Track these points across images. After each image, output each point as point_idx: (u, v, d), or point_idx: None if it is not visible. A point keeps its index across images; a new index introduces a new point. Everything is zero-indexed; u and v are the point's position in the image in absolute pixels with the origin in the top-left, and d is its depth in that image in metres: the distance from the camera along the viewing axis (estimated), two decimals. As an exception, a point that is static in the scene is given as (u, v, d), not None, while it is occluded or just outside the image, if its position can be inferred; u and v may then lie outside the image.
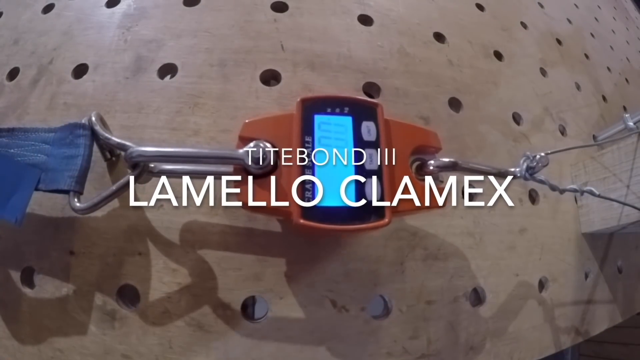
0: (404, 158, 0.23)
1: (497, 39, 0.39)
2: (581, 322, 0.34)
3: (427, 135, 0.25)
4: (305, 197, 0.21)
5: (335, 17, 0.33)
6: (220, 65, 0.30)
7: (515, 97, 0.37)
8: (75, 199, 0.22)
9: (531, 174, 0.25)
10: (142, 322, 0.25)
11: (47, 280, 0.26)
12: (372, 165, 0.22)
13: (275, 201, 0.21)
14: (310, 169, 0.22)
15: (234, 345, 0.25)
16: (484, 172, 0.26)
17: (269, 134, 0.22)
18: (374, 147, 0.23)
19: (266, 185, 0.21)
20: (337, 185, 0.22)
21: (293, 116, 0.23)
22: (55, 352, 0.25)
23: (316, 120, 0.23)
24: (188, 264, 0.26)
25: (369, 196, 0.22)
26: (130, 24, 0.32)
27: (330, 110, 0.23)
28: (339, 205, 0.21)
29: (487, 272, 0.30)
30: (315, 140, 0.22)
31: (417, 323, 0.27)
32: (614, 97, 0.48)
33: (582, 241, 0.35)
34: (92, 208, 0.22)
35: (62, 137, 0.23)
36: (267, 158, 0.21)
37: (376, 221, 0.21)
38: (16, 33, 0.35)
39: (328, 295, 0.26)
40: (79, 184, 0.22)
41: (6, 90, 0.32)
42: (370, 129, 0.23)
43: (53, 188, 0.22)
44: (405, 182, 0.23)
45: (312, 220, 0.21)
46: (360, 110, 0.23)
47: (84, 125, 0.23)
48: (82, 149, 0.23)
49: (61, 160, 0.23)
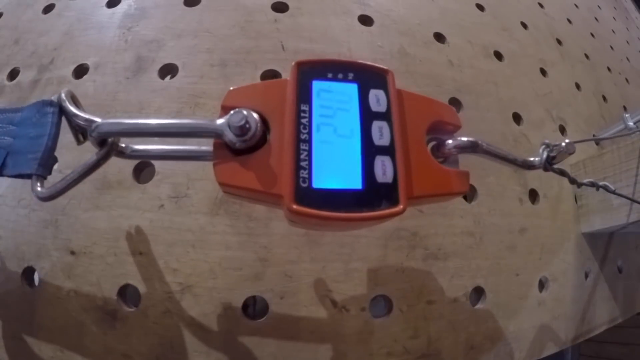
0: (419, 134, 0.20)
1: (497, 39, 0.39)
2: (581, 322, 0.34)
3: (444, 111, 0.21)
4: (300, 178, 0.17)
5: (336, 18, 0.33)
6: (221, 66, 0.30)
7: (516, 97, 0.37)
8: (38, 183, 0.19)
9: (551, 163, 0.23)
10: (143, 322, 0.25)
11: (48, 280, 0.26)
12: (382, 140, 0.18)
13: (262, 182, 0.17)
14: (307, 143, 0.17)
15: (234, 345, 0.25)
16: (503, 158, 0.23)
17: (257, 103, 0.18)
18: (384, 119, 0.19)
19: (252, 163, 0.18)
20: (340, 164, 0.18)
21: (286, 82, 0.19)
22: (56, 352, 0.25)
23: (314, 87, 0.19)
24: (189, 264, 0.26)
25: (379, 177, 0.18)
26: (130, 24, 0.32)
27: (331, 75, 0.19)
28: (341, 188, 0.17)
29: (487, 271, 0.30)
30: (313, 109, 0.18)
31: (417, 323, 0.27)
32: (614, 97, 0.48)
33: (582, 241, 0.35)
34: (56, 194, 0.19)
35: (29, 117, 0.21)
36: (251, 128, 0.17)
37: (388, 208, 0.17)
38: (16, 33, 0.35)
39: (328, 295, 0.26)
40: (42, 167, 0.20)
41: (6, 90, 0.32)
42: (380, 98, 0.19)
43: (16, 173, 0.20)
44: (422, 161, 0.19)
45: (309, 205, 0.16)
46: (368, 77, 0.20)
47: (52, 102, 0.20)
48: (49, 127, 0.20)
49: (26, 141, 0.20)
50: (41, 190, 0.19)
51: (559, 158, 0.23)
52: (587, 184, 0.29)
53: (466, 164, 0.22)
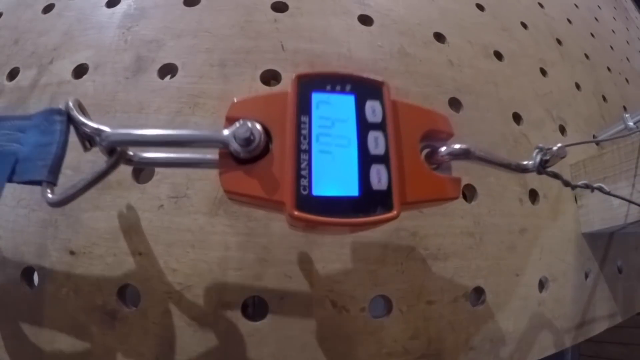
0: (413, 143, 0.21)
1: (497, 39, 0.39)
2: (581, 322, 0.34)
3: (437, 119, 0.22)
4: (300, 186, 0.18)
5: (336, 18, 0.33)
6: (220, 66, 0.30)
7: (515, 97, 0.37)
8: (48, 190, 0.20)
9: (544, 167, 0.24)
10: (142, 322, 0.25)
11: (47, 281, 0.26)
12: (377, 149, 0.19)
13: (265, 190, 0.18)
14: (307, 153, 0.19)
15: (234, 345, 0.25)
16: (496, 163, 0.24)
17: (259, 114, 0.19)
18: (379, 129, 0.20)
19: (255, 172, 0.19)
20: (338, 172, 0.19)
21: (287, 94, 0.20)
22: (56, 352, 0.25)
23: (314, 99, 0.20)
24: (188, 264, 0.26)
25: (375, 185, 0.19)
26: (130, 24, 0.32)
27: (329, 87, 0.20)
28: (339, 195, 0.18)
29: (487, 272, 0.30)
30: (313, 120, 0.19)
31: (417, 323, 0.27)
32: (614, 97, 0.48)
33: (582, 241, 0.35)
34: (66, 200, 0.20)
35: (37, 125, 0.21)
36: (255, 139, 0.18)
37: (383, 214, 0.18)
38: (16, 33, 0.35)
39: (328, 295, 0.26)
40: (52, 174, 0.20)
41: (6, 90, 0.32)
42: (376, 109, 0.20)
43: (26, 179, 0.21)
44: (415, 169, 0.20)
45: (309, 212, 0.18)
46: (364, 89, 0.21)
47: (60, 110, 0.21)
48: (57, 135, 0.21)
49: (35, 148, 0.21)
50: (52, 196, 0.20)
51: (552, 161, 0.24)
52: (582, 185, 0.29)
53: (466, 164, 0.23)
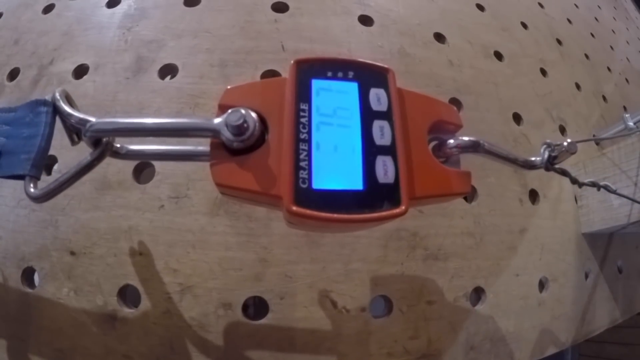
0: (421, 134, 0.19)
1: (497, 39, 0.39)
2: (581, 322, 0.34)
3: (446, 110, 0.21)
4: (299, 179, 0.16)
5: (336, 18, 0.33)
6: (220, 66, 0.30)
7: (516, 97, 0.37)
8: (31, 184, 0.19)
9: (553, 163, 0.23)
10: (143, 322, 0.25)
11: (48, 281, 0.26)
12: (383, 140, 0.18)
13: (260, 183, 0.17)
14: (306, 143, 0.17)
15: (234, 345, 0.25)
16: (505, 158, 0.22)
17: (255, 102, 0.18)
18: (385, 118, 0.19)
19: (250, 164, 0.17)
20: (340, 164, 0.17)
21: (285, 80, 0.19)
22: (56, 352, 0.25)
23: (314, 86, 0.18)
24: (189, 264, 0.26)
25: (381, 178, 0.17)
26: (130, 25, 0.32)
27: (331, 74, 0.19)
28: (342, 189, 0.17)
29: (488, 272, 0.30)
30: (313, 108, 0.18)
31: (417, 323, 0.27)
32: (614, 97, 0.48)
33: (582, 241, 0.35)
34: (49, 195, 0.19)
35: (22, 117, 0.20)
36: (249, 128, 0.17)
37: (390, 209, 0.17)
38: (16, 33, 0.35)
39: (328, 296, 0.26)
40: (35, 168, 0.19)
41: (6, 91, 0.32)
42: (381, 97, 0.19)
43: (8, 174, 0.20)
44: (424, 161, 0.19)
45: (308, 207, 0.16)
46: (368, 76, 0.19)
47: (46, 101, 0.20)
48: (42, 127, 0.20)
49: (20, 141, 0.20)
50: (34, 191, 0.19)
51: (560, 158, 0.23)
52: (589, 184, 0.29)
53: (466, 164, 0.22)
